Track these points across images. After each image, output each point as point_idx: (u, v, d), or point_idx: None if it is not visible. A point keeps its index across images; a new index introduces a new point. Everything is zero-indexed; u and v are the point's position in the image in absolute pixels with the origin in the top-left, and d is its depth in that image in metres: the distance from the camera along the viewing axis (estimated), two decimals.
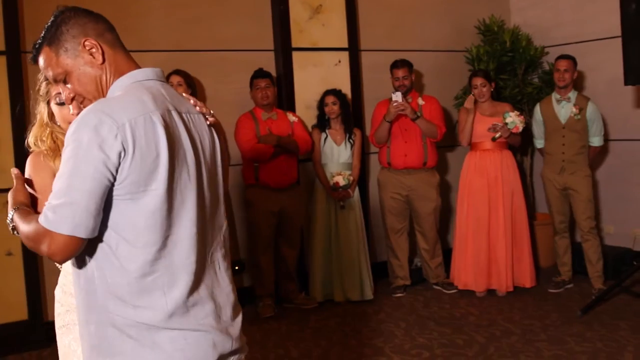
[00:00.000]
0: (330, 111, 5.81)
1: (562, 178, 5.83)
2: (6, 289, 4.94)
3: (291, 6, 5.96)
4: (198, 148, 1.90)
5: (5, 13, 4.86)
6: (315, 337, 5.04)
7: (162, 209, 1.79)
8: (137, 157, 1.73)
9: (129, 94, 1.83)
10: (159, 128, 1.77)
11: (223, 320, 1.94)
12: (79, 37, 1.90)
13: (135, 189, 1.75)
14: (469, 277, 5.91)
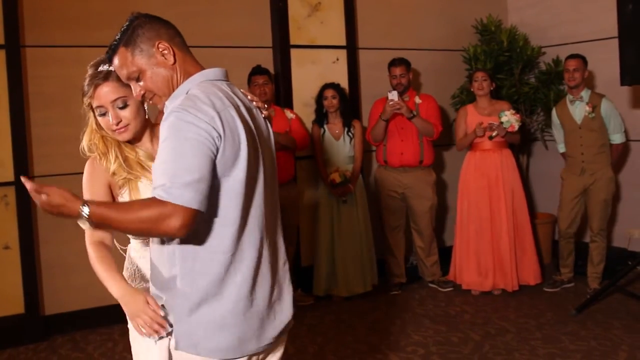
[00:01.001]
0: (329, 105, 5.82)
1: (583, 179, 5.72)
2: (3, 283, 4.95)
3: (290, 3, 5.97)
4: (262, 138, 2.14)
5: (4, 8, 4.86)
6: (311, 334, 5.06)
7: (241, 194, 2.02)
8: (227, 145, 1.96)
9: (206, 91, 2.02)
10: (237, 121, 2.00)
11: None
12: (153, 40, 2.10)
13: (225, 173, 1.98)
14: (473, 277, 5.92)
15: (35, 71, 5.06)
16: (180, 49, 2.14)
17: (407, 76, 5.94)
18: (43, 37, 5.06)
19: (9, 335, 4.93)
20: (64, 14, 5.11)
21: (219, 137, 1.94)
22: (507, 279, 5.82)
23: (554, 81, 6.47)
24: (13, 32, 4.90)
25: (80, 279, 5.13)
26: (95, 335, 5.13)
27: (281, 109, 5.74)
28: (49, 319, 5.15)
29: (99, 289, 2.25)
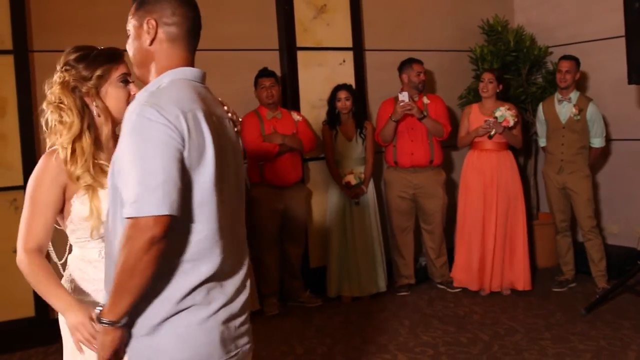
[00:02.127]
0: (342, 106, 5.83)
1: (561, 177, 5.85)
2: (13, 286, 4.96)
3: (296, 6, 5.99)
4: (228, 150, 2.01)
5: (13, 13, 4.90)
6: (320, 335, 5.07)
7: (211, 201, 1.90)
8: (191, 147, 1.84)
9: (178, 88, 1.94)
10: (203, 124, 1.88)
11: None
12: (150, 14, 2.02)
13: (188, 178, 1.86)
14: (464, 275, 5.97)
15: (43, 76, 5.03)
16: (171, 38, 2.02)
17: (424, 74, 5.99)
18: (51, 42, 5.08)
19: (19, 338, 4.96)
20: (71, 19, 5.13)
21: (182, 138, 1.82)
22: (493, 281, 5.86)
23: None
24: (21, 38, 4.93)
25: None
26: None
27: (288, 111, 5.76)
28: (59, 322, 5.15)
29: None
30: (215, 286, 1.96)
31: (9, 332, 4.96)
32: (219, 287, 1.97)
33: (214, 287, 1.95)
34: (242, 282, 2.06)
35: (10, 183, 4.94)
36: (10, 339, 4.94)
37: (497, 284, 5.86)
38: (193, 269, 1.90)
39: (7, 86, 4.92)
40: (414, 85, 5.92)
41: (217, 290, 1.96)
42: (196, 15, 2.12)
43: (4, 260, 4.93)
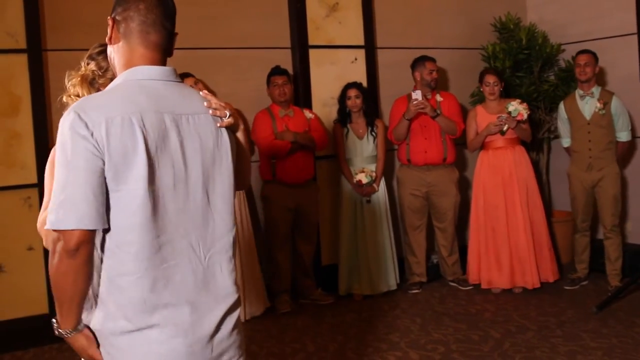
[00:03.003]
0: (352, 105, 5.84)
1: (590, 175, 5.73)
2: (27, 283, 5.02)
3: (308, 4, 6.00)
4: (189, 150, 1.92)
5: (26, 12, 4.94)
6: (332, 332, 5.08)
7: (144, 209, 1.82)
8: (112, 154, 1.77)
9: (119, 91, 1.90)
10: (137, 130, 1.81)
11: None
12: (112, 11, 2.02)
13: (113, 187, 1.79)
14: (493, 275, 5.90)
15: (56, 74, 5.10)
16: (130, 35, 1.96)
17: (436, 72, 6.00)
18: (64, 41, 5.12)
19: (33, 335, 5.00)
20: (84, 18, 5.17)
21: (100, 145, 1.77)
22: (527, 277, 5.80)
23: (573, 78, 6.41)
24: (35, 37, 4.98)
25: None
26: None
27: (300, 109, 5.77)
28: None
29: None
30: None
31: (23, 329, 5.00)
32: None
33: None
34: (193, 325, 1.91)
35: (24, 181, 4.99)
36: (24, 336, 4.99)
37: (534, 280, 5.79)
38: (129, 285, 1.85)
39: (21, 85, 4.97)
40: (427, 83, 5.93)
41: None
42: (151, 6, 1.96)
43: (18, 257, 5.00)
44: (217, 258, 1.97)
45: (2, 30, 4.92)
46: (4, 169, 4.95)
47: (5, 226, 4.97)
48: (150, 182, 1.81)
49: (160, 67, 1.97)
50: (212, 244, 1.97)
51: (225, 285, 1.99)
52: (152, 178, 1.82)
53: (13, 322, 4.99)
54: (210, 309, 1.94)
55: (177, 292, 1.88)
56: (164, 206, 1.86)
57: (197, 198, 1.93)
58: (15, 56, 4.94)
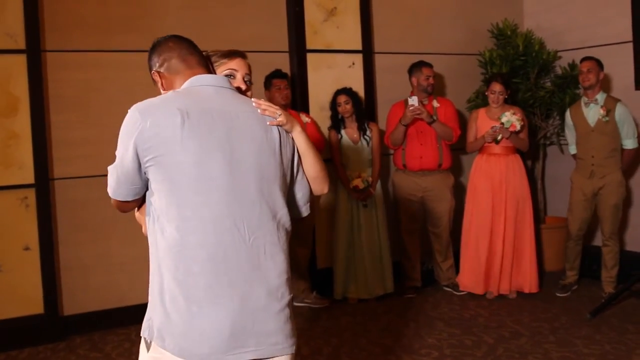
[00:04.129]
0: (343, 111, 5.86)
1: (592, 182, 5.72)
2: (23, 283, 5.03)
3: (306, 8, 6.02)
4: (237, 140, 2.11)
5: (26, 13, 4.95)
6: (326, 336, 5.10)
7: (171, 192, 2.04)
8: (154, 142, 2.01)
9: (171, 93, 2.15)
10: (178, 120, 2.02)
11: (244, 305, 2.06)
12: (151, 68, 2.31)
13: (160, 171, 2.04)
14: (469, 279, 5.98)
15: (55, 75, 5.14)
16: (176, 68, 2.25)
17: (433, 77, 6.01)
18: (63, 41, 5.14)
19: (28, 334, 5.01)
20: (83, 19, 5.19)
21: (143, 135, 2.02)
22: (494, 282, 5.88)
23: (569, 85, 6.46)
24: (34, 37, 4.99)
25: (98, 280, 5.21)
26: (113, 336, 5.19)
27: (297, 113, 5.79)
28: (68, 319, 5.22)
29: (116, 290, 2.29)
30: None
31: (18, 328, 5.01)
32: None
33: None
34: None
35: (22, 181, 4.99)
36: (19, 336, 5.00)
37: (505, 287, 5.88)
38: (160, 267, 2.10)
39: (19, 85, 4.98)
40: (423, 89, 5.96)
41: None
42: (178, 41, 2.31)
43: (14, 257, 5.01)
44: (262, 241, 2.11)
45: (1, 30, 4.92)
46: (2, 169, 4.95)
47: (2, 226, 4.98)
48: (190, 168, 2.02)
49: (212, 75, 2.25)
50: (257, 227, 2.10)
51: (267, 267, 2.11)
52: (193, 164, 2.02)
53: (9, 321, 4.99)
54: (251, 288, 2.07)
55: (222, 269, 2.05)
56: (209, 186, 2.04)
57: (244, 182, 2.09)
58: (14, 56, 4.95)
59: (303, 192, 2.35)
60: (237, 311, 2.03)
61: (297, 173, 2.31)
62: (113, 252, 5.27)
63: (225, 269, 2.04)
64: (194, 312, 2.01)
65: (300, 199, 2.36)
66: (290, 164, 2.26)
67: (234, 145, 2.09)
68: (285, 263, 2.16)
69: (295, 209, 2.35)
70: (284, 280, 2.14)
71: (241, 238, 2.06)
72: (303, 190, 2.35)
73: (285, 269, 2.16)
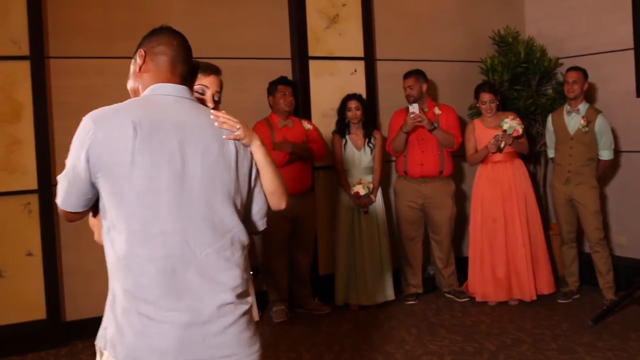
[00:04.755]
0: (353, 116, 5.87)
1: (568, 189, 5.83)
2: (26, 289, 5.04)
3: (308, 15, 6.05)
4: (189, 153, 2.07)
5: (30, 19, 4.98)
6: (328, 342, 5.10)
7: (120, 204, 2.02)
8: (104, 153, 2.00)
9: (127, 102, 2.13)
10: (130, 132, 2.00)
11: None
12: (139, 48, 2.26)
13: (109, 184, 2.02)
14: (489, 288, 5.93)
15: (58, 81, 5.17)
16: (162, 66, 2.21)
17: (418, 87, 5.99)
18: (66, 48, 5.17)
19: (30, 340, 5.02)
20: (86, 26, 5.21)
21: (95, 146, 2.01)
22: (524, 289, 5.84)
23: None
24: (38, 44, 5.02)
25: (100, 286, 5.16)
26: None
27: (299, 119, 5.81)
28: (70, 324, 5.23)
29: None
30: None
31: (20, 334, 5.02)
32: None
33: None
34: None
35: (25, 187, 5.01)
36: (21, 341, 5.01)
37: (527, 293, 5.84)
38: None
39: (23, 91, 5.00)
40: (406, 98, 5.98)
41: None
42: (181, 44, 2.31)
43: (17, 262, 5.02)
44: (213, 257, 2.07)
45: (6, 37, 4.96)
46: (5, 174, 4.97)
47: (5, 231, 5.00)
48: (138, 179, 2.00)
49: (174, 85, 2.19)
50: (209, 242, 2.07)
51: (220, 282, 2.07)
52: (140, 176, 2.00)
53: (11, 327, 5.00)
54: (202, 303, 2.04)
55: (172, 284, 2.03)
56: (157, 200, 2.02)
57: (195, 197, 2.06)
58: (18, 63, 4.98)
59: (260, 207, 2.32)
60: (186, 326, 2.00)
61: (254, 188, 2.27)
62: None
63: (174, 284, 2.01)
64: (144, 325, 2.00)
65: (256, 214, 2.32)
66: (248, 179, 2.23)
67: (186, 159, 2.05)
68: (239, 278, 2.12)
69: (251, 224, 2.32)
70: (237, 294, 2.10)
71: (191, 253, 2.04)
72: (260, 205, 2.31)
73: (240, 284, 2.12)
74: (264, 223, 2.37)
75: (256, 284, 5.83)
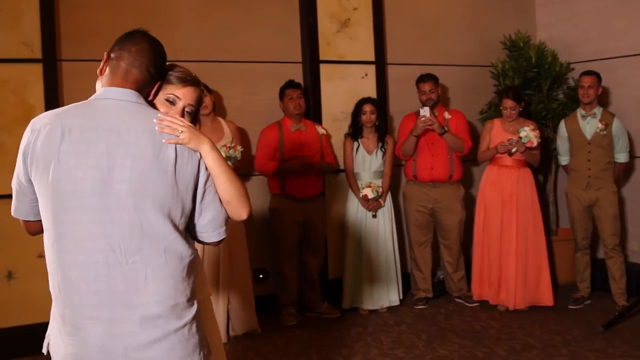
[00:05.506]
0: (367, 120, 5.87)
1: (588, 194, 5.79)
2: (37, 291, 5.04)
3: (319, 19, 6.06)
4: (118, 158, 2.00)
5: (42, 22, 5.01)
6: (337, 346, 5.09)
7: (47, 208, 2.02)
8: (35, 156, 2.02)
9: (68, 106, 2.14)
10: (58, 135, 2.01)
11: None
12: (110, 49, 2.23)
13: (37, 186, 2.04)
14: (484, 289, 5.99)
15: (70, 84, 5.19)
16: (116, 70, 2.15)
17: (436, 91, 5.99)
18: (79, 51, 5.19)
19: (41, 342, 5.02)
20: (98, 29, 5.23)
21: (28, 149, 2.03)
22: (510, 297, 5.83)
23: None
24: (50, 47, 5.05)
25: None
26: None
27: (312, 123, 5.82)
28: None
29: None
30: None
31: (31, 335, 5.02)
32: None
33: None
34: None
35: None
36: (32, 343, 4.99)
37: (519, 302, 5.82)
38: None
39: (35, 94, 5.03)
40: (422, 103, 5.97)
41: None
42: (143, 51, 2.21)
43: (27, 264, 5.03)
44: (141, 265, 2.00)
45: (18, 40, 4.99)
46: None
47: (16, 233, 4.98)
48: (54, 184, 1.99)
49: (119, 89, 2.12)
50: (137, 250, 1.99)
51: (147, 292, 2.00)
52: (63, 177, 1.99)
53: (22, 328, 5.03)
54: (124, 312, 1.99)
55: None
56: (80, 203, 1.99)
57: (121, 202, 1.99)
58: (30, 65, 5.01)
59: (213, 216, 2.14)
60: (105, 335, 1.97)
61: (203, 195, 2.11)
62: None
63: (95, 290, 1.97)
64: (67, 331, 2.01)
65: (208, 224, 2.14)
66: (193, 185, 2.08)
67: (114, 163, 1.99)
68: (172, 289, 2.02)
69: (201, 234, 2.16)
70: (168, 307, 2.00)
71: (116, 260, 1.97)
72: (213, 214, 2.14)
73: (172, 295, 2.01)
74: (221, 233, 2.18)
75: (266, 287, 5.85)
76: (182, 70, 2.33)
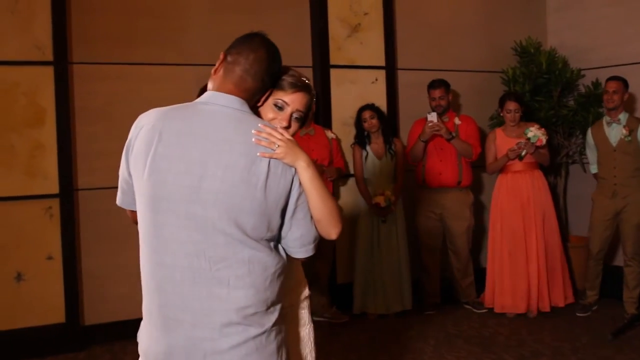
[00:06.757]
0: (370, 126, 5.87)
1: (614, 203, 5.68)
2: (45, 292, 5.08)
3: (330, 24, 6.07)
4: (211, 166, 1.98)
5: (54, 25, 5.04)
6: (345, 352, 5.09)
7: (140, 206, 2.06)
8: (134, 153, 2.07)
9: (174, 107, 2.13)
10: (156, 137, 2.03)
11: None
12: (228, 48, 2.27)
13: (134, 183, 2.09)
14: (507, 299, 5.90)
15: (81, 87, 5.21)
16: (231, 74, 2.13)
17: (446, 98, 5.99)
18: (90, 54, 5.21)
19: (49, 344, 5.05)
20: (109, 32, 5.26)
21: (129, 145, 2.09)
22: (539, 301, 5.82)
23: (592, 104, 6.43)
24: (62, 49, 5.07)
25: (119, 290, 5.23)
26: (133, 346, 5.12)
27: (322, 128, 5.82)
28: (89, 329, 5.25)
29: (137, 300, 2.29)
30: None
31: (39, 337, 5.05)
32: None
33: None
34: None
35: (47, 191, 5.05)
36: (40, 345, 5.04)
37: (544, 305, 5.82)
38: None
39: (46, 96, 5.05)
40: (432, 109, 5.97)
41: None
42: (260, 59, 2.27)
43: (37, 266, 5.05)
44: (225, 273, 1.99)
45: (30, 42, 5.02)
46: (27, 178, 5.01)
47: (26, 235, 5.04)
48: (148, 187, 2.02)
49: (227, 95, 2.10)
50: (222, 258, 1.99)
51: (228, 300, 1.99)
52: (156, 179, 2.01)
53: (30, 330, 5.04)
54: (206, 317, 2.00)
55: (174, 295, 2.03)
56: (169, 207, 2.00)
57: (209, 210, 1.98)
58: (42, 68, 5.03)
59: (302, 233, 2.12)
60: (186, 338, 1.98)
61: (294, 211, 2.08)
62: (135, 262, 5.23)
63: (179, 294, 1.99)
64: (152, 331, 2.05)
65: (296, 240, 2.12)
66: (284, 201, 2.05)
67: (206, 172, 1.97)
68: (254, 298, 2.00)
69: (289, 248, 2.14)
70: (248, 315, 1.99)
71: (201, 266, 1.98)
72: (302, 231, 2.12)
73: (253, 303, 2.00)
74: (309, 250, 2.18)
75: None
76: (294, 74, 2.33)
